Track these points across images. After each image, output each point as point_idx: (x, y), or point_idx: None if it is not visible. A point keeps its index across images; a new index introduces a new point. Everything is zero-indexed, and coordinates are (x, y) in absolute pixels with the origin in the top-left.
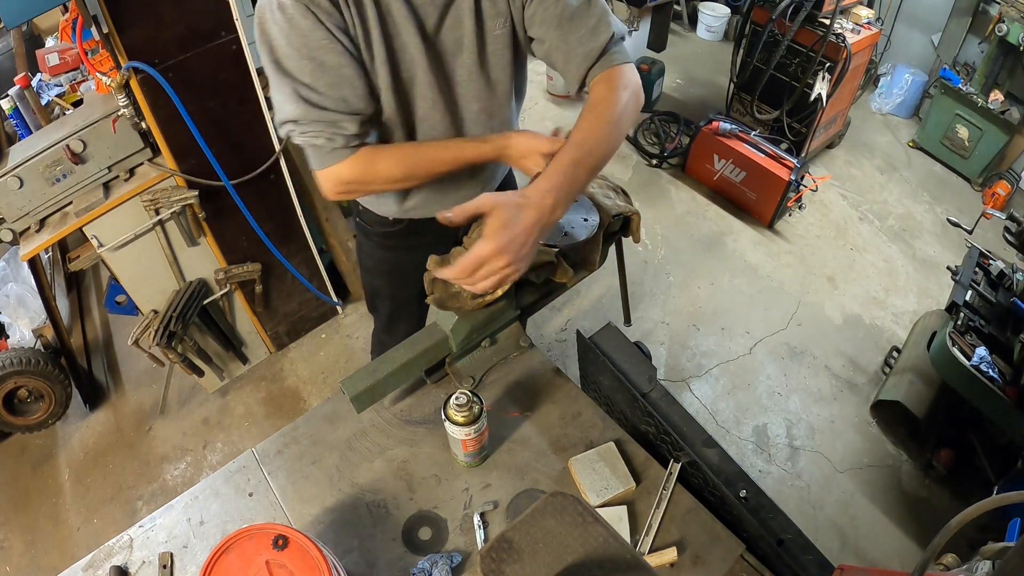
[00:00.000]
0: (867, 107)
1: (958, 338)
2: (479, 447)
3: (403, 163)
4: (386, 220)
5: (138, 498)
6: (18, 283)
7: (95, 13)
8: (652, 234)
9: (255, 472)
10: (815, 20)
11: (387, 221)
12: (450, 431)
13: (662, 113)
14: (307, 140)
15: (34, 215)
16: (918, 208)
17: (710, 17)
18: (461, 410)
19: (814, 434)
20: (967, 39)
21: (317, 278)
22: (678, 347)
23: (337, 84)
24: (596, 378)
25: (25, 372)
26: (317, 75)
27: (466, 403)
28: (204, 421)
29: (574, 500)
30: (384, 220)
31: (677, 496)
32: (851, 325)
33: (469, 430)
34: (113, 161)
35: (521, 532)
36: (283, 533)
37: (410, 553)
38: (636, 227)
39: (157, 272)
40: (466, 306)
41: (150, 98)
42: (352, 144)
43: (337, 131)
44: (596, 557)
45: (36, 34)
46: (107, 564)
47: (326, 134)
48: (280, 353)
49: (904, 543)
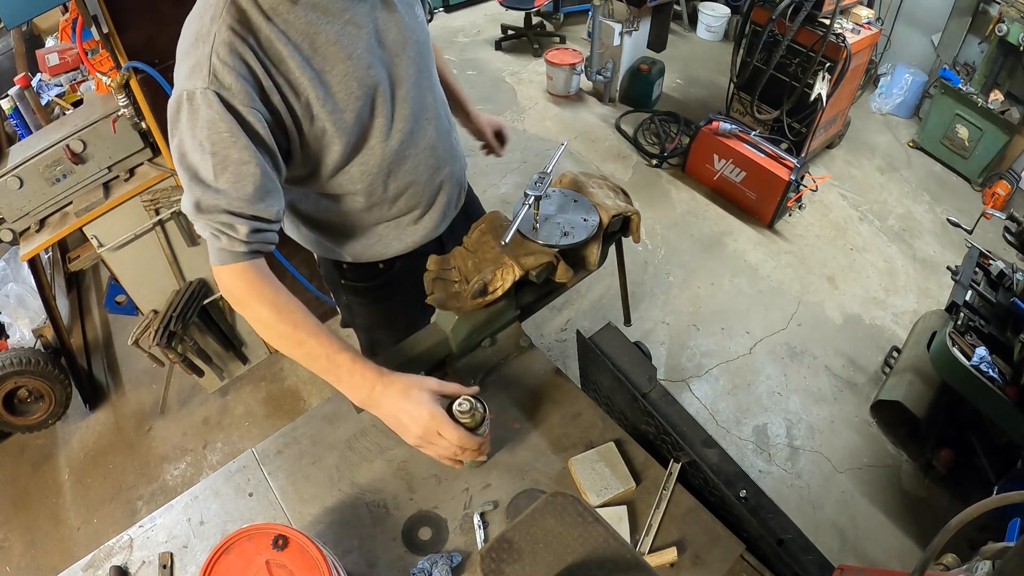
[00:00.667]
0: (867, 107)
1: (958, 338)
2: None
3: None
4: (377, 269)
5: (138, 498)
6: (18, 283)
7: (95, 13)
8: (652, 234)
9: (255, 472)
10: (815, 20)
11: (379, 270)
12: None
13: (662, 113)
14: (204, 233)
15: (34, 215)
16: (918, 208)
17: (710, 17)
18: (463, 416)
19: (814, 434)
20: (967, 39)
21: (317, 278)
22: (678, 347)
23: (237, 181)
24: (596, 378)
25: (25, 372)
26: (218, 171)
27: (468, 410)
28: (204, 421)
29: (574, 500)
30: (373, 267)
31: (677, 496)
32: (851, 325)
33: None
34: (113, 161)
35: (521, 532)
36: (283, 533)
37: (410, 553)
38: (636, 227)
39: (157, 272)
40: (466, 306)
41: (150, 98)
42: (239, 250)
43: (226, 231)
44: (596, 557)
45: (36, 34)
46: (107, 564)
47: (213, 231)
48: (280, 353)
49: (904, 543)
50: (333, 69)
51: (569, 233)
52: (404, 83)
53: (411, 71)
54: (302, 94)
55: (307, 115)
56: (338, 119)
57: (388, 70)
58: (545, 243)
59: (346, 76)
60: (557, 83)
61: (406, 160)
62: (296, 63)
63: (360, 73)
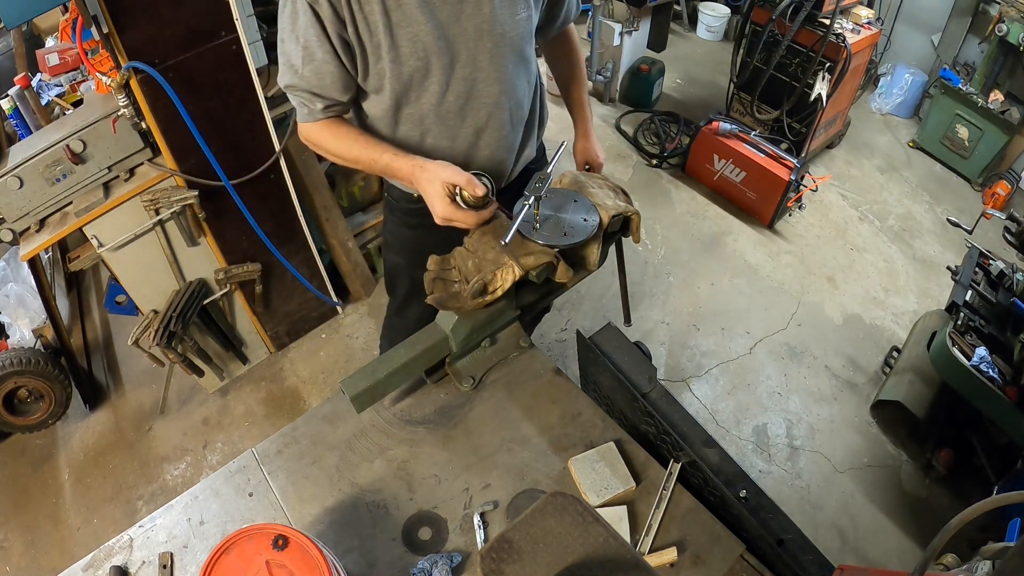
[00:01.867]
0: (867, 107)
1: (958, 338)
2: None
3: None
4: (411, 196)
5: (138, 498)
6: (18, 283)
7: (95, 13)
8: (652, 234)
9: (255, 472)
10: (815, 20)
11: (412, 197)
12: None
13: (662, 113)
14: (293, 101)
15: (34, 215)
16: (918, 208)
17: (710, 17)
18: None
19: (814, 434)
20: (967, 39)
21: (317, 278)
22: (678, 347)
23: (318, 74)
24: (596, 378)
25: (25, 372)
26: (305, 63)
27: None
28: (204, 421)
29: (574, 500)
30: (409, 196)
31: (677, 496)
32: (851, 325)
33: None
34: (113, 161)
35: (521, 532)
36: (283, 533)
37: (410, 553)
38: (636, 227)
39: (157, 272)
40: (466, 306)
41: (150, 98)
42: (319, 117)
43: (309, 102)
44: (596, 557)
45: (36, 34)
46: (107, 564)
47: (300, 101)
48: (280, 353)
49: (904, 543)
50: (408, 27)
51: (569, 233)
52: (468, 65)
53: (482, 59)
54: (375, 35)
55: (376, 54)
56: (397, 69)
57: (455, 46)
58: (545, 243)
59: (416, 36)
60: None
61: (448, 128)
62: (378, 9)
63: (428, 39)
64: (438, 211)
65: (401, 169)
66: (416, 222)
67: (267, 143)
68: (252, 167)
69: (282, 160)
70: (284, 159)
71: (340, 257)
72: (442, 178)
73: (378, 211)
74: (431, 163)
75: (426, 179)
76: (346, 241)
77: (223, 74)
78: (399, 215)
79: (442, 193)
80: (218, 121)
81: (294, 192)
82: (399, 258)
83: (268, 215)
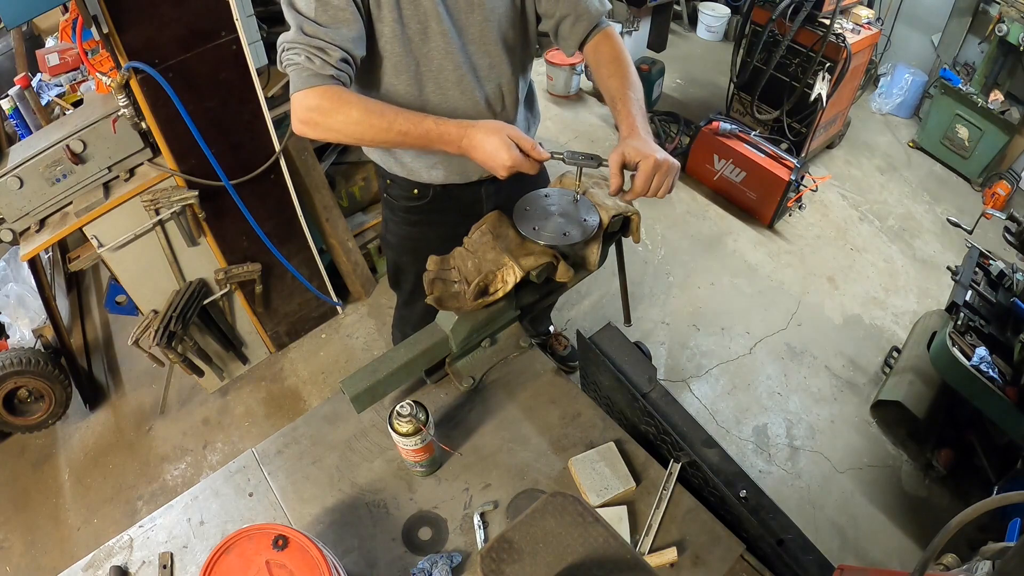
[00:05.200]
0: (867, 107)
1: (958, 338)
2: (427, 457)
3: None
4: (412, 193)
5: (138, 498)
6: (18, 283)
7: (95, 13)
8: (652, 234)
9: (255, 472)
10: (815, 20)
11: (412, 194)
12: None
13: (662, 113)
14: (290, 59)
15: (34, 215)
16: (918, 208)
17: (710, 17)
18: (402, 420)
19: (814, 434)
20: (967, 39)
21: (317, 278)
22: (678, 347)
23: (335, 21)
24: (596, 378)
25: (25, 372)
26: (319, 12)
27: (409, 414)
28: (204, 421)
29: (574, 500)
30: (410, 193)
31: (677, 496)
32: (851, 325)
33: (412, 440)
34: (113, 161)
35: (521, 532)
36: (283, 533)
37: (410, 553)
38: (636, 227)
39: (157, 272)
40: (466, 306)
41: (150, 98)
42: (328, 72)
43: (319, 55)
44: (596, 557)
45: (36, 34)
46: (107, 564)
47: (308, 54)
48: (280, 353)
49: (904, 543)
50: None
51: (569, 233)
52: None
53: (472, 31)
54: (383, 5)
55: (379, 17)
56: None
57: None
58: (545, 243)
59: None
60: (557, 83)
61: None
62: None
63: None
64: (504, 160)
65: (450, 132)
66: (416, 219)
67: (267, 143)
68: (252, 167)
69: (282, 160)
70: (284, 159)
71: (340, 257)
72: (507, 132)
73: (378, 211)
74: (486, 120)
75: (489, 130)
76: (346, 241)
77: (223, 74)
78: (399, 213)
79: (509, 143)
80: (218, 121)
81: (294, 192)
82: (403, 257)
83: (268, 215)
